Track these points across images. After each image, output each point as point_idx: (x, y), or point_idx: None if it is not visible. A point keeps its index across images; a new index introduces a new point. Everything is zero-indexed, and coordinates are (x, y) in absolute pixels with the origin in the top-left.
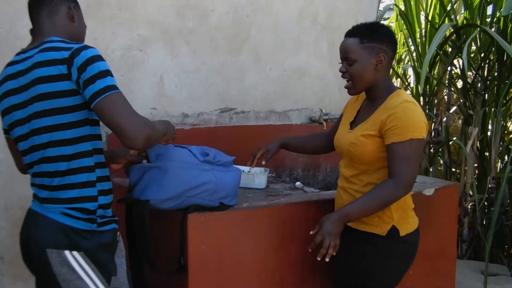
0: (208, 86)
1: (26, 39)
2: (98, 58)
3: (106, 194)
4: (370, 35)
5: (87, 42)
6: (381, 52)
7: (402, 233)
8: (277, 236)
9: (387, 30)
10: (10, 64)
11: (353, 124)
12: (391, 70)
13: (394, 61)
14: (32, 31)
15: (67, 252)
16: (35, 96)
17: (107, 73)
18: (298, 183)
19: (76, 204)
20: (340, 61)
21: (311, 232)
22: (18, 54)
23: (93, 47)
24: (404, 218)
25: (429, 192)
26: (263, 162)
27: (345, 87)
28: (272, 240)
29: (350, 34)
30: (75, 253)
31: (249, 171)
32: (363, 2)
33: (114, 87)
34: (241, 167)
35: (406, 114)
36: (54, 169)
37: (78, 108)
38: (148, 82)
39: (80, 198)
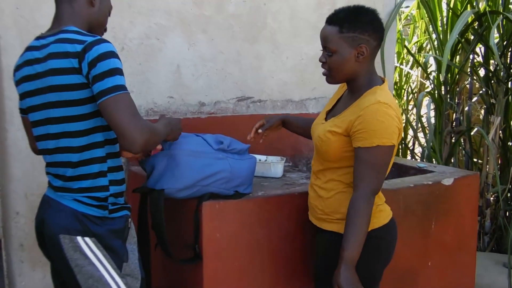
0: (225, 74)
1: (45, 28)
2: (110, 54)
3: (118, 184)
4: (351, 23)
5: None
6: (362, 42)
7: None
8: (292, 225)
9: (371, 17)
10: (29, 49)
11: (328, 114)
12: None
13: (415, 51)
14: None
15: (79, 238)
16: (48, 86)
17: (116, 71)
18: None
19: (88, 193)
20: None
21: None
22: (37, 38)
23: (107, 42)
24: None
25: (448, 182)
26: (260, 131)
27: (323, 74)
28: (287, 228)
29: (329, 20)
30: (87, 239)
31: (265, 160)
32: None
33: (121, 87)
34: (258, 156)
35: (376, 117)
36: (66, 159)
37: (89, 101)
38: (165, 71)
39: (92, 188)
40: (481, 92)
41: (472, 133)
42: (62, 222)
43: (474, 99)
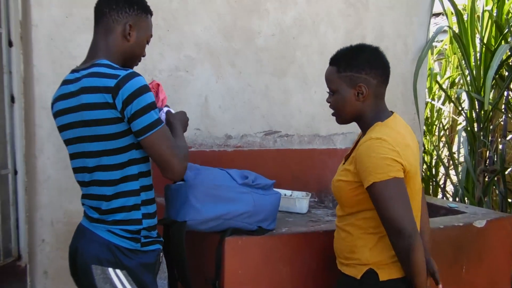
0: (253, 108)
1: (79, 59)
2: (144, 90)
3: (151, 217)
4: (347, 63)
5: None
6: (360, 81)
7: (383, 277)
8: (316, 263)
9: (368, 55)
10: (64, 82)
11: (347, 157)
12: (445, 96)
13: (447, 86)
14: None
15: (110, 270)
16: (81, 121)
17: (151, 106)
18: None
19: (121, 226)
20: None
21: None
22: (72, 71)
23: (139, 76)
24: (387, 259)
25: (480, 224)
26: None
27: (332, 115)
28: (311, 267)
29: (330, 61)
30: (118, 271)
31: (290, 195)
32: (413, 25)
33: (158, 122)
34: (283, 191)
35: (366, 154)
36: (101, 192)
37: (124, 135)
38: (193, 102)
39: (125, 220)
40: None
41: (506, 173)
42: (95, 252)
43: (509, 137)
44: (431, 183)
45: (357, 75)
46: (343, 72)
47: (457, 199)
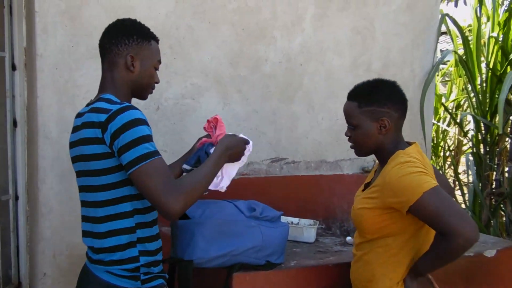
0: (259, 134)
1: (83, 88)
2: (134, 123)
3: (151, 255)
4: (368, 98)
5: None
6: (383, 115)
7: None
8: None
9: (389, 90)
10: (77, 116)
11: (367, 186)
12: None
13: (452, 108)
14: None
15: None
16: (81, 155)
17: (141, 139)
18: (349, 238)
19: (119, 266)
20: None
21: None
22: (86, 105)
23: (133, 109)
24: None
25: (490, 253)
26: None
27: (350, 148)
28: None
29: (349, 96)
30: None
31: (297, 223)
32: (419, 51)
33: (148, 155)
34: (290, 218)
35: (400, 176)
36: (95, 230)
37: (115, 170)
38: (199, 130)
39: (122, 260)
40: None
41: None
42: None
43: None
44: None
45: (380, 109)
46: (365, 107)
47: None
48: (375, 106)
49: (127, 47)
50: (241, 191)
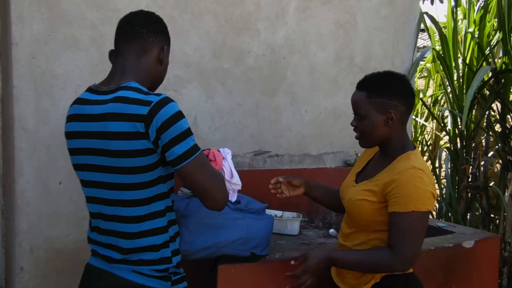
0: (242, 127)
1: (61, 78)
2: (179, 116)
3: (179, 253)
4: (378, 90)
5: None
6: (391, 108)
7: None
8: None
9: (399, 83)
10: (80, 101)
11: (359, 176)
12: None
13: (429, 103)
14: (113, 61)
15: None
16: (105, 150)
17: (188, 133)
18: (331, 230)
19: (150, 266)
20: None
21: (292, 262)
22: (90, 90)
23: (172, 101)
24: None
25: (469, 244)
26: (281, 179)
27: (355, 138)
28: None
29: (359, 86)
30: None
31: (281, 216)
32: (400, 45)
33: (196, 149)
34: (273, 211)
35: (411, 182)
36: (125, 230)
37: (153, 167)
38: None
39: (155, 260)
40: (497, 148)
41: (488, 189)
42: None
43: (490, 154)
44: None
45: (389, 101)
46: (374, 98)
47: (441, 217)
48: (385, 98)
49: (163, 39)
50: None
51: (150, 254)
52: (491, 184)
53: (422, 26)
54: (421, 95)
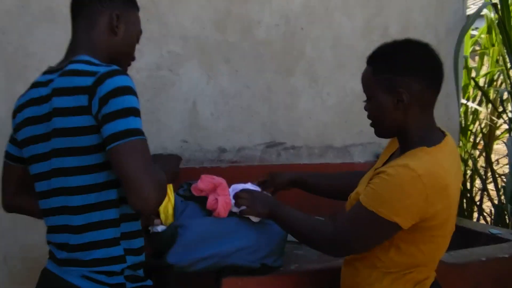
0: (251, 114)
1: (36, 56)
2: (126, 90)
3: (136, 254)
4: (384, 63)
5: None
6: (399, 86)
7: None
8: None
9: (412, 53)
10: (34, 85)
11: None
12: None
13: (484, 84)
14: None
15: None
16: (53, 130)
17: (131, 111)
18: None
19: (100, 267)
20: None
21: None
22: (44, 73)
23: (124, 74)
24: None
25: None
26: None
27: (370, 126)
28: None
29: (367, 60)
30: None
31: None
32: (445, 12)
33: (135, 132)
34: None
35: (392, 181)
36: (71, 222)
37: (100, 149)
38: (178, 109)
39: (104, 259)
40: None
41: None
42: None
43: None
44: (465, 200)
45: (396, 77)
46: (379, 73)
47: (496, 220)
48: (391, 74)
49: (113, 5)
50: (230, 182)
51: (98, 252)
52: None
53: None
54: (473, 74)
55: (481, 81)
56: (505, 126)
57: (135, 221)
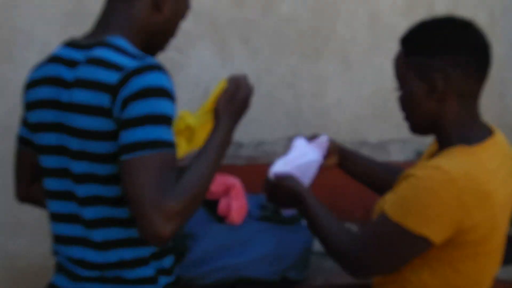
0: (273, 103)
1: (24, 33)
2: (156, 91)
3: (168, 274)
4: (416, 43)
5: None
6: (434, 71)
7: None
8: None
9: (450, 33)
10: (54, 59)
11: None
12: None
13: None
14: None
15: None
16: (70, 127)
17: (157, 118)
18: None
19: (132, 286)
20: None
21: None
22: (69, 44)
23: (158, 71)
24: None
25: None
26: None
27: (404, 119)
28: None
29: (400, 40)
30: None
31: None
32: None
33: (158, 144)
34: None
35: (418, 186)
36: (90, 237)
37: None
38: (188, 95)
39: (132, 280)
40: None
41: None
42: None
43: None
44: None
45: (430, 62)
46: (411, 56)
47: None
48: (425, 57)
49: None
50: (247, 182)
51: (124, 272)
52: None
53: None
54: None
55: None
56: None
57: None
